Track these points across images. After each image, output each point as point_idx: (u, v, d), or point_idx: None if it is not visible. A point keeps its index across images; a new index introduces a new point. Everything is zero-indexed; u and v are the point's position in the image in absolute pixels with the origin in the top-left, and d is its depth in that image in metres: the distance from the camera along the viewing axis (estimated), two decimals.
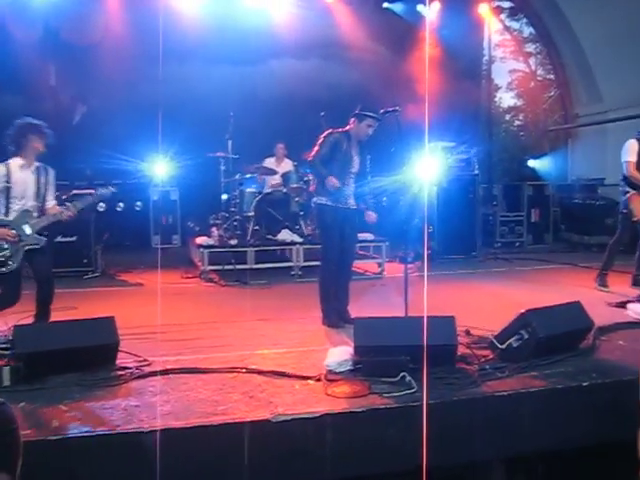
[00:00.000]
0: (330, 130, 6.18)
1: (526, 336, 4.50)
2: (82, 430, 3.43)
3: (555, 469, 4.42)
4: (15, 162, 5.40)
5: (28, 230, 5.35)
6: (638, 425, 2.59)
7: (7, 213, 5.35)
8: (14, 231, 5.27)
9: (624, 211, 7.45)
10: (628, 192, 7.37)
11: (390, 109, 5.89)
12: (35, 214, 5.45)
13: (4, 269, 5.20)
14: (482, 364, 4.47)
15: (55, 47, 11.33)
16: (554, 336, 4.55)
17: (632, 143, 7.38)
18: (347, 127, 6.15)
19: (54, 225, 5.61)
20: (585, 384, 4.16)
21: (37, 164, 5.53)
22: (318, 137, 6.18)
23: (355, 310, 6.05)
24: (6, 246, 5.22)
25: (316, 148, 6.08)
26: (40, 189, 5.51)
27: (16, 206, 5.37)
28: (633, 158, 7.34)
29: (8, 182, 5.32)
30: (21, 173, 5.41)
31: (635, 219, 7.28)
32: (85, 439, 3.37)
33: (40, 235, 5.42)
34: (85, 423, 3.51)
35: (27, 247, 5.32)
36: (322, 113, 8.63)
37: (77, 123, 11.42)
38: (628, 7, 12.42)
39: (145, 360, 4.64)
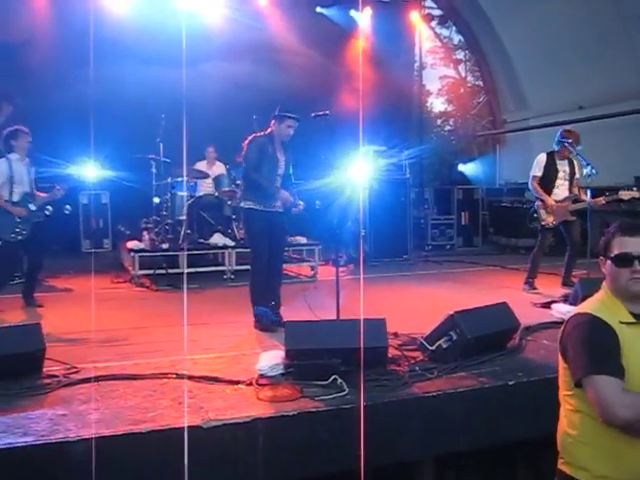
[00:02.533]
0: (253, 135, 6.21)
1: (455, 337, 4.58)
2: (5, 442, 3.31)
3: (484, 464, 4.53)
4: (14, 156, 6.97)
5: (33, 207, 7.05)
6: (557, 419, 2.68)
7: (11, 196, 6.90)
8: (25, 209, 6.93)
9: (535, 216, 7.90)
10: (537, 200, 7.92)
11: (320, 113, 5.93)
12: (31, 197, 7.07)
13: (20, 237, 6.88)
14: (412, 365, 4.53)
15: None
16: (482, 337, 4.65)
17: (541, 157, 7.98)
18: (268, 130, 6.19)
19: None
20: (511, 383, 4.27)
21: (26, 159, 7.17)
22: (244, 142, 6.20)
23: (288, 313, 6.06)
24: (19, 220, 6.86)
25: (245, 155, 6.10)
26: (30, 178, 7.16)
27: (17, 190, 6.95)
28: (538, 173, 7.94)
29: (12, 172, 6.90)
30: (19, 166, 7.01)
31: (544, 223, 7.77)
32: (8, 451, 3.26)
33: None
34: (8, 434, 3.40)
35: (34, 220, 7.02)
36: (254, 116, 8.63)
37: (2, 124, 11.06)
38: (553, 17, 12.84)
39: (73, 367, 4.52)
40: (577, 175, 7.98)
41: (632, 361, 2.43)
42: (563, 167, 7.95)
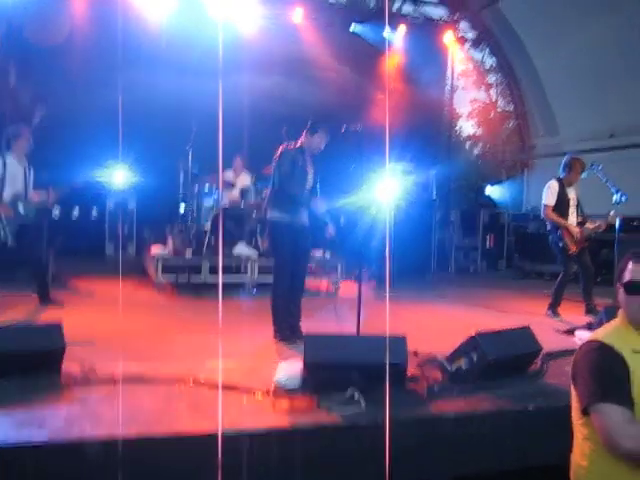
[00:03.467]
0: (285, 146, 6.19)
1: (475, 358, 4.53)
2: (20, 435, 3.32)
3: None
4: (10, 156, 6.80)
5: (22, 210, 6.80)
6: (570, 450, 2.63)
7: (1, 196, 6.67)
8: (12, 210, 6.68)
9: (560, 245, 7.70)
10: (558, 229, 7.70)
11: (352, 128, 5.92)
12: (23, 199, 6.86)
13: (1, 237, 6.57)
14: (431, 385, 4.48)
15: (17, 47, 11.14)
16: (503, 359, 4.60)
17: (553, 184, 7.80)
18: (299, 142, 6.18)
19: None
20: (530, 408, 4.21)
21: (24, 160, 6.99)
22: (275, 153, 6.19)
23: (307, 327, 6.04)
24: (5, 221, 6.58)
25: (279, 165, 6.06)
26: (26, 181, 6.95)
27: (8, 191, 6.73)
28: (552, 201, 7.78)
29: (5, 172, 6.71)
30: (14, 166, 6.83)
31: (570, 252, 7.59)
32: (22, 446, 3.27)
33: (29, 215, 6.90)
34: (24, 428, 3.40)
35: (20, 223, 6.73)
36: (284, 128, 8.64)
37: (36, 125, 11.21)
38: (587, 44, 12.76)
39: (91, 368, 4.53)
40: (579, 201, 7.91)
41: None
42: (571, 194, 7.86)
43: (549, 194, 7.77)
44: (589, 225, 7.71)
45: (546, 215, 7.81)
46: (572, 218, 7.79)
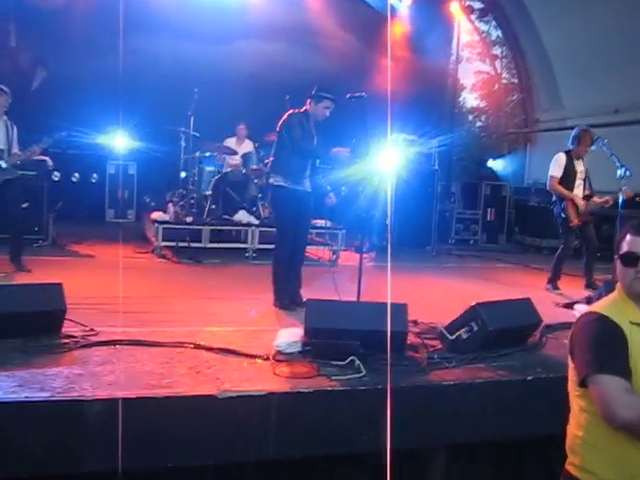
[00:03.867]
0: (291, 111, 6.15)
1: (476, 328, 4.53)
2: (21, 396, 3.33)
3: (494, 458, 4.49)
4: None
5: (4, 164, 6.70)
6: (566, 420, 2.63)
7: None
8: None
9: (563, 216, 7.69)
10: (562, 201, 7.68)
11: (356, 94, 5.86)
12: (6, 155, 6.75)
13: None
14: (431, 353, 4.49)
15: (17, 7, 11.01)
16: (503, 330, 4.60)
17: (561, 157, 7.77)
18: (304, 108, 6.13)
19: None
20: (529, 378, 4.23)
21: (5, 117, 6.84)
22: (281, 118, 6.15)
23: (307, 294, 6.01)
24: None
25: (288, 129, 6.00)
26: (8, 136, 6.81)
27: None
28: (558, 173, 7.76)
29: None
30: None
31: (572, 224, 7.56)
32: (24, 404, 3.28)
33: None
34: (25, 388, 3.41)
35: (4, 178, 6.67)
36: (287, 97, 8.58)
37: (36, 88, 11.13)
38: (595, 18, 12.63)
39: (92, 330, 4.53)
40: (588, 174, 7.87)
41: None
42: (579, 167, 7.82)
43: (556, 166, 7.75)
44: (596, 199, 7.69)
45: (551, 187, 7.80)
46: (577, 191, 7.77)
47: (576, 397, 2.53)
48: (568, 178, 7.73)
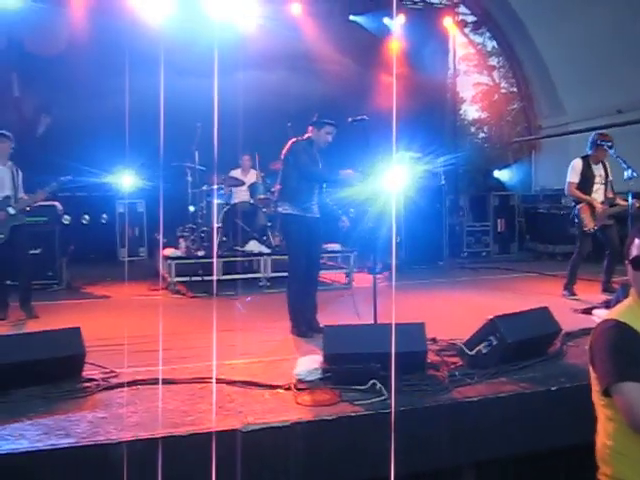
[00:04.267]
0: (294, 139, 6.21)
1: (495, 342, 4.51)
2: (47, 443, 3.34)
3: (525, 471, 4.44)
4: None
5: (12, 211, 6.79)
6: (594, 429, 2.61)
7: None
8: (2, 212, 6.71)
9: (576, 221, 7.72)
10: (579, 204, 7.72)
11: (358, 118, 5.91)
12: (12, 201, 6.84)
13: None
14: (452, 370, 4.47)
15: (19, 57, 11.18)
16: (522, 341, 4.58)
17: (577, 162, 7.86)
18: (306, 136, 6.19)
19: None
20: (554, 388, 4.20)
21: (10, 163, 6.96)
22: (284, 147, 6.19)
23: (324, 320, 6.03)
24: None
25: (296, 157, 6.06)
26: (14, 182, 6.92)
27: None
28: (575, 179, 7.82)
29: None
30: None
31: (586, 229, 7.57)
32: (50, 452, 3.29)
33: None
34: (50, 436, 3.42)
35: (12, 224, 6.76)
36: (289, 124, 8.65)
37: (41, 134, 11.26)
38: (588, 21, 12.68)
39: (112, 371, 4.56)
40: (610, 178, 7.85)
41: None
42: (599, 171, 7.84)
43: (573, 172, 7.83)
44: (620, 201, 7.67)
45: (569, 192, 7.89)
46: (596, 195, 7.79)
47: (602, 406, 2.51)
48: (586, 183, 7.78)
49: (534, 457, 4.33)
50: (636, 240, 2.50)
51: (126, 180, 11.32)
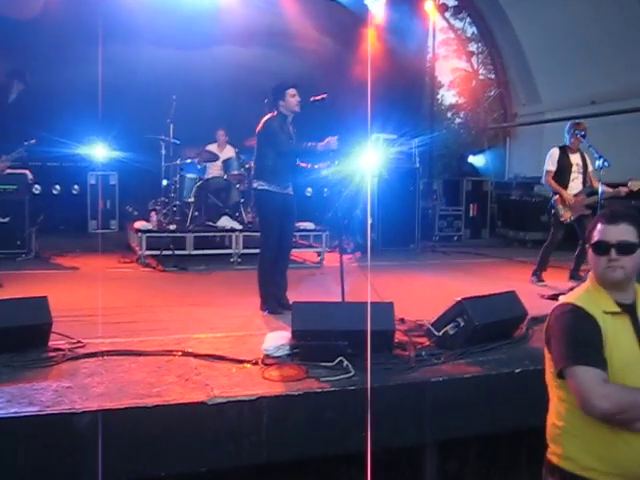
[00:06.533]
0: (267, 117, 6.10)
1: (462, 323, 4.55)
2: (10, 411, 3.31)
3: (487, 451, 4.51)
4: None
5: None
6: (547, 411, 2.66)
7: None
8: None
9: (553, 212, 7.76)
10: (556, 195, 7.78)
11: (318, 97, 5.90)
12: None
13: None
14: (419, 350, 4.51)
15: None
16: (489, 324, 4.62)
17: (554, 151, 7.90)
18: (275, 111, 6.10)
19: None
20: (517, 371, 4.26)
21: None
22: (258, 125, 6.12)
23: (294, 297, 5.99)
24: None
25: (272, 136, 5.99)
26: None
27: None
28: (552, 167, 7.86)
29: None
30: None
31: (562, 219, 7.65)
32: (13, 420, 3.26)
33: None
34: (13, 403, 3.39)
35: None
36: (265, 100, 8.57)
37: (13, 101, 11.05)
38: (567, 12, 12.74)
39: (79, 342, 4.52)
40: (590, 167, 7.91)
41: (615, 352, 2.40)
42: (576, 160, 7.89)
43: (549, 161, 7.86)
44: (606, 189, 7.71)
45: (546, 181, 7.91)
46: (573, 184, 7.83)
47: (555, 388, 2.55)
48: (563, 172, 7.82)
49: (497, 437, 4.40)
50: (599, 225, 2.54)
51: (99, 151, 11.23)
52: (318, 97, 5.95)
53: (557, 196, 7.77)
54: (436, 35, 16.15)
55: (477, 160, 16.05)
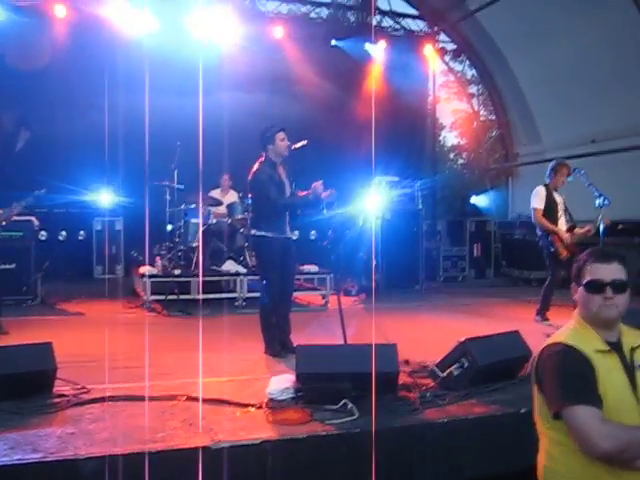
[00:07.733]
0: (256, 169, 6.10)
1: (466, 364, 4.56)
2: (14, 458, 3.31)
3: None
4: None
5: None
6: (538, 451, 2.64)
7: None
8: None
9: (552, 250, 7.74)
10: (549, 235, 7.75)
11: (298, 145, 5.96)
12: None
13: None
14: (423, 392, 4.50)
15: None
16: (493, 364, 4.63)
17: (540, 189, 7.93)
18: (263, 157, 6.12)
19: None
20: (522, 411, 4.23)
21: None
22: (249, 174, 6.15)
23: (298, 340, 6.02)
24: None
25: (261, 189, 6.01)
26: None
27: None
28: (541, 205, 7.87)
29: None
30: None
31: (561, 257, 7.65)
32: (16, 467, 3.26)
33: None
34: (17, 450, 3.39)
35: None
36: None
37: (20, 150, 11.22)
38: (566, 52, 12.92)
39: (83, 387, 4.53)
40: (567, 206, 7.96)
41: (609, 390, 2.40)
42: (559, 198, 7.94)
43: (537, 199, 7.86)
44: (578, 230, 7.77)
45: (537, 219, 7.85)
46: (561, 222, 7.86)
47: (548, 429, 2.51)
48: (551, 210, 7.83)
49: (502, 478, 4.35)
50: (590, 264, 2.56)
51: (104, 197, 11.34)
52: (298, 144, 6.01)
53: (554, 235, 7.76)
54: (436, 78, 16.41)
55: (480, 200, 16.13)
